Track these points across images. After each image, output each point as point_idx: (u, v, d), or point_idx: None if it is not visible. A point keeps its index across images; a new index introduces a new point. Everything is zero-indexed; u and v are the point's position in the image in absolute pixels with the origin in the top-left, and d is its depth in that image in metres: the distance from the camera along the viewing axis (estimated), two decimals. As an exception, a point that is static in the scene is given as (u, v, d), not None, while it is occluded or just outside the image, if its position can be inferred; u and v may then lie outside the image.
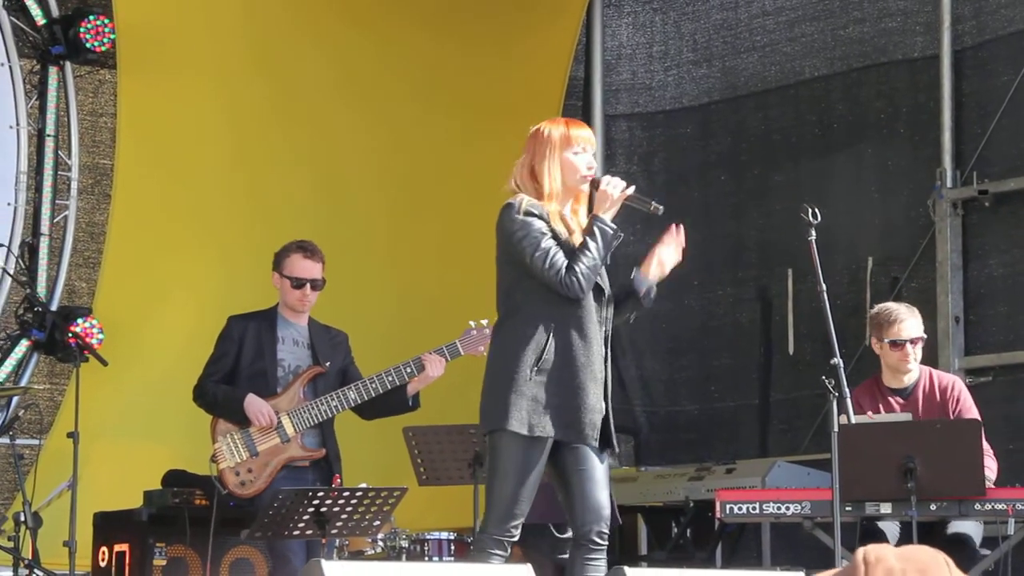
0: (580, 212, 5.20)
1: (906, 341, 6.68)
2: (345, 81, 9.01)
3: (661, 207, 5.20)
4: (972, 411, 6.69)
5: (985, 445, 6.58)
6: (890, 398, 6.73)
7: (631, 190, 5.17)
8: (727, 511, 6.54)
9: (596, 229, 5.07)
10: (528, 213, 5.05)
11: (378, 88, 9.06)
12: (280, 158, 8.84)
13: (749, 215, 9.40)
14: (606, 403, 5.10)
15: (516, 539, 5.09)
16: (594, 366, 5.05)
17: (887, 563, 1.84)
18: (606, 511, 5.08)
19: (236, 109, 8.70)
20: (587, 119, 9.78)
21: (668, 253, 5.26)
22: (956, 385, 6.77)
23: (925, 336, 6.76)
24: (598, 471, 5.08)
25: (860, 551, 1.87)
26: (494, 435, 5.08)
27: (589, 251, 5.04)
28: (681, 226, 5.26)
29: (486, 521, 5.12)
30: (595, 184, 5.16)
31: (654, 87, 9.81)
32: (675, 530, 8.40)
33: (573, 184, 5.14)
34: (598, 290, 5.11)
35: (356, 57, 9.04)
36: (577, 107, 9.79)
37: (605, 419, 5.10)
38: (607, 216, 5.09)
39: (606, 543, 5.08)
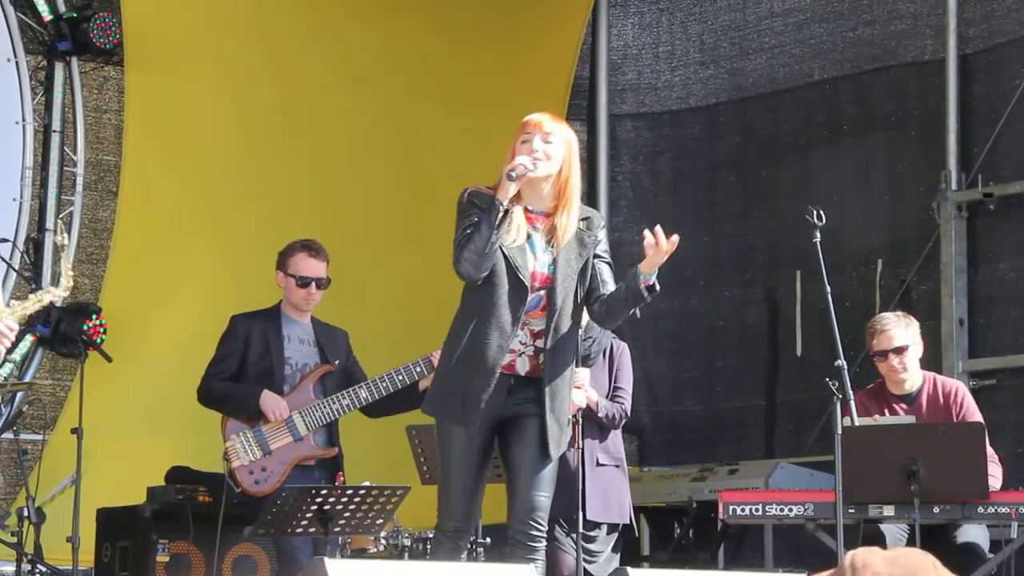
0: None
1: (887, 352, 6.64)
2: (351, 79, 9.02)
3: (520, 165, 5.03)
4: (976, 415, 6.67)
5: (990, 451, 6.56)
6: (894, 404, 6.70)
7: (514, 170, 5.04)
8: (730, 512, 6.53)
9: (484, 214, 5.06)
10: (469, 202, 5.09)
11: (384, 87, 9.06)
12: (286, 155, 8.84)
13: (757, 216, 9.39)
14: (542, 405, 5.08)
15: (463, 533, 5.16)
16: (487, 354, 5.05)
17: (874, 568, 1.81)
18: (535, 511, 5.10)
19: (243, 106, 8.70)
20: (592, 119, 9.78)
21: (654, 249, 5.13)
22: (960, 390, 6.75)
23: (910, 344, 6.64)
24: (529, 469, 5.11)
25: (848, 555, 1.85)
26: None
27: (473, 235, 5.04)
28: (658, 229, 5.13)
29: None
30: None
31: (660, 87, 9.79)
32: (678, 531, 8.39)
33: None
34: (517, 284, 5.08)
35: (362, 54, 9.04)
36: (582, 106, 9.78)
37: (543, 423, 5.09)
38: (501, 196, 5.04)
39: (536, 543, 5.10)
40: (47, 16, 8.29)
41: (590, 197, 9.84)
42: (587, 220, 5.19)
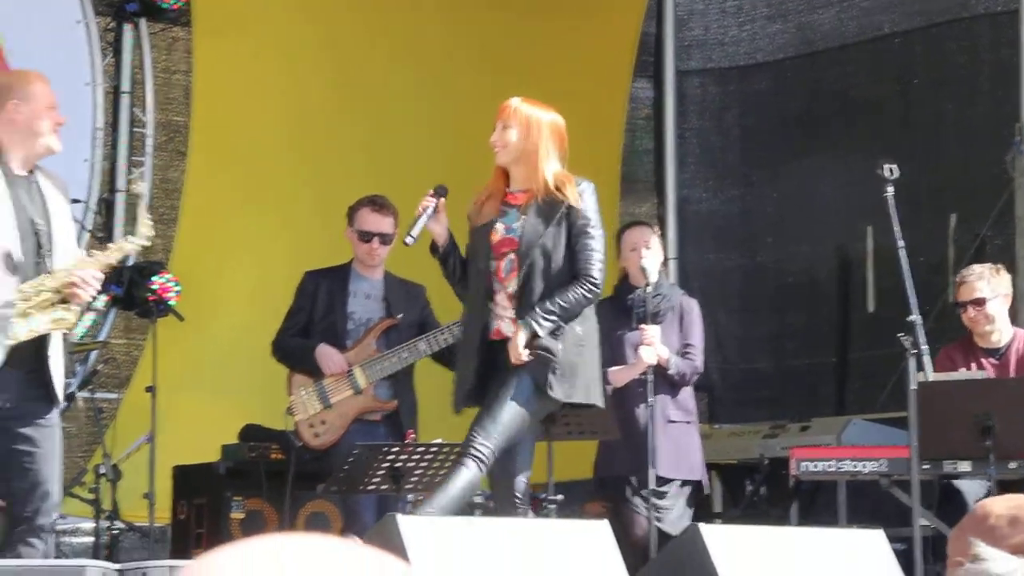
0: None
1: (967, 303, 6.58)
2: (409, 42, 8.97)
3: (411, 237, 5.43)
4: None
5: None
6: (982, 358, 6.64)
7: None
8: (802, 469, 6.50)
9: None
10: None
11: (441, 58, 9.00)
12: (340, 127, 8.80)
13: (826, 172, 9.30)
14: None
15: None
16: (466, 344, 5.38)
17: None
18: (475, 426, 5.27)
19: (297, 75, 8.66)
20: (659, 75, 9.72)
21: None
22: None
23: (990, 297, 6.59)
24: (492, 394, 5.28)
25: None
26: None
27: None
28: None
29: None
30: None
31: (727, 43, 9.71)
32: (749, 488, 8.36)
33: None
34: (479, 268, 5.37)
35: (419, 25, 8.98)
36: (649, 63, 9.72)
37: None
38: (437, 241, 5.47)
39: (466, 452, 5.27)
40: (115, -23, 8.32)
41: (657, 154, 9.78)
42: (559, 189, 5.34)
